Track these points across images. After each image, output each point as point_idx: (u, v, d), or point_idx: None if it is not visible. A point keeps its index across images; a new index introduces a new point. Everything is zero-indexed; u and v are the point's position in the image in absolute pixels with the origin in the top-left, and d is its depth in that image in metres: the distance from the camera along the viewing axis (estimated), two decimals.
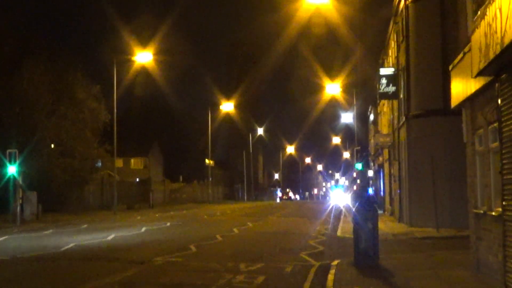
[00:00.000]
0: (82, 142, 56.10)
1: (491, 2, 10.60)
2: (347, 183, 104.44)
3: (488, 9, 10.86)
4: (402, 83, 32.88)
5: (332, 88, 66.52)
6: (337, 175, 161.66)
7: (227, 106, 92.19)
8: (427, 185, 27.59)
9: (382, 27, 43.59)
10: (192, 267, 16.74)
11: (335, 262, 16.62)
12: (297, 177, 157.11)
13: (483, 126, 13.45)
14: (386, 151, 45.00)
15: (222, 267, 16.29)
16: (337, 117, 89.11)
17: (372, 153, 58.89)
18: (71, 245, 22.81)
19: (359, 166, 49.43)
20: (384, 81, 33.92)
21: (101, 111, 58.24)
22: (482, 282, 13.12)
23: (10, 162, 37.08)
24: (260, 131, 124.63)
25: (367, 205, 16.76)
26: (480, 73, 11.85)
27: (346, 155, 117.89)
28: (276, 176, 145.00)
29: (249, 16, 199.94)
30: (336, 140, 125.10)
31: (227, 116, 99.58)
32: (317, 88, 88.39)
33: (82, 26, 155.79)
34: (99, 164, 61.71)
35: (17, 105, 50.09)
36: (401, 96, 33.20)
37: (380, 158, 51.66)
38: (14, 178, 38.02)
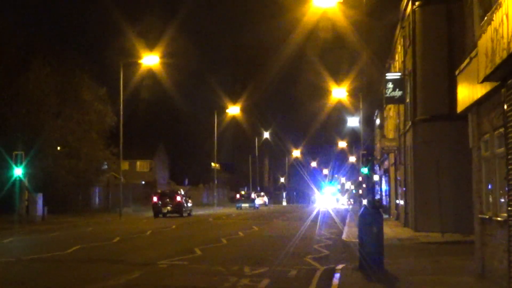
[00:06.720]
0: (88, 144, 56.29)
1: (498, 7, 10.59)
2: (353, 187, 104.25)
3: (495, 15, 10.85)
4: (408, 87, 32.83)
5: (339, 92, 66.28)
6: (343, 179, 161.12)
7: (233, 110, 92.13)
8: (432, 189, 27.51)
9: (388, 32, 43.54)
10: (197, 270, 16.74)
11: (340, 267, 16.59)
12: (303, 180, 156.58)
13: (489, 132, 13.43)
14: (392, 156, 44.93)
15: (226, 270, 16.28)
16: (343, 121, 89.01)
17: (378, 158, 58.78)
18: (76, 247, 22.84)
19: (365, 170, 49.29)
20: (390, 85, 33.82)
21: (108, 113, 58.42)
22: None
23: (16, 164, 37.20)
24: (266, 134, 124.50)
25: (372, 209, 16.70)
26: (486, 79, 11.83)
27: (352, 159, 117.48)
28: (282, 179, 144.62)
29: (256, 20, 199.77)
30: (342, 144, 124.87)
31: (233, 119, 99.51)
32: (324, 92, 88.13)
33: (89, 28, 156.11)
34: (105, 166, 61.83)
35: (23, 107, 50.29)
36: (408, 100, 33.15)
37: (386, 163, 51.58)
38: (20, 180, 38.13)
